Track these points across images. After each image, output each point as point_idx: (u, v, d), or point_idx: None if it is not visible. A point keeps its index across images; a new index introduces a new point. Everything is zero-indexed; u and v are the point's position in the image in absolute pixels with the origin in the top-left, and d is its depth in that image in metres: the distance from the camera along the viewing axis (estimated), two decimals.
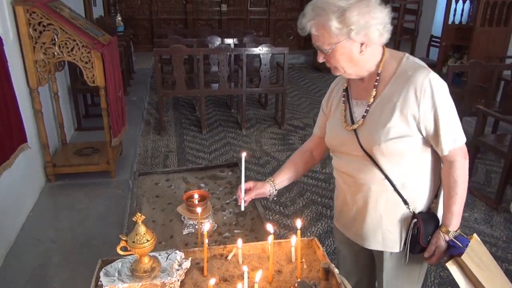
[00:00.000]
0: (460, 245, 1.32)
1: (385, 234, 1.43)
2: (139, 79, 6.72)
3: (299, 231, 1.31)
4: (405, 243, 1.43)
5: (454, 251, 1.34)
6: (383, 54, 1.33)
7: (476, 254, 1.33)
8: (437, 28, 7.01)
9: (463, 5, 6.01)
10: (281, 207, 3.33)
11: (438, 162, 1.39)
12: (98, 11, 6.73)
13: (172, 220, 1.75)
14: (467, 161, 1.36)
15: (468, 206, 3.39)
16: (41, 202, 3.06)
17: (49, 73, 3.10)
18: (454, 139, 1.30)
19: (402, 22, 7.64)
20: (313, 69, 8.33)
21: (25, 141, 2.79)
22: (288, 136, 4.81)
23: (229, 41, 5.78)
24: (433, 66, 6.48)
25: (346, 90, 1.45)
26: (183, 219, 1.73)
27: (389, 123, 1.29)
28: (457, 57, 6.11)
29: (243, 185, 1.52)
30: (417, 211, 1.40)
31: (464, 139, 1.33)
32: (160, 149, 4.41)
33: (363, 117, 1.36)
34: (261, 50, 4.70)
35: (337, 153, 1.48)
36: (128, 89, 5.89)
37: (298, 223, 1.34)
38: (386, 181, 1.36)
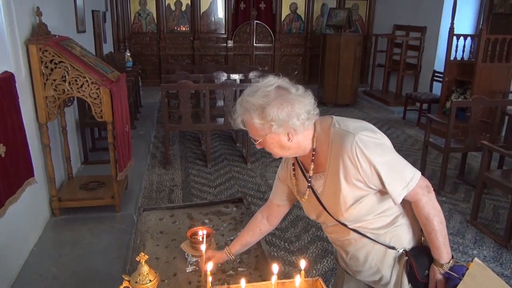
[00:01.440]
0: (456, 275, 1.33)
1: (386, 278, 1.48)
2: (146, 113, 6.83)
3: (302, 272, 1.29)
4: (409, 281, 1.45)
5: (451, 282, 1.34)
6: (314, 130, 1.38)
7: (476, 280, 1.31)
8: (439, 64, 7.11)
9: (464, 41, 6.12)
10: (286, 243, 3.29)
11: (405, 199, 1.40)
12: (108, 47, 6.93)
13: (176, 258, 1.74)
14: (432, 193, 1.37)
15: (476, 243, 3.33)
16: (45, 236, 3.05)
17: (58, 108, 3.16)
18: (404, 185, 1.31)
19: (405, 58, 7.78)
20: (319, 103, 8.32)
21: (32, 176, 2.83)
22: None
23: (235, 76, 5.90)
24: (437, 101, 6.55)
25: (294, 164, 1.52)
26: (186, 256, 1.71)
27: (341, 193, 1.34)
28: (460, 92, 6.16)
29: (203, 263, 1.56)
30: (408, 249, 1.43)
31: (418, 176, 1.34)
32: (165, 183, 4.42)
33: (309, 187, 1.45)
34: None
35: (318, 221, 1.56)
36: (135, 122, 5.97)
37: (302, 263, 1.33)
38: (365, 238, 1.42)
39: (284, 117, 1.27)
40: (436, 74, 7.19)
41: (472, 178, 4.51)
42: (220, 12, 9.09)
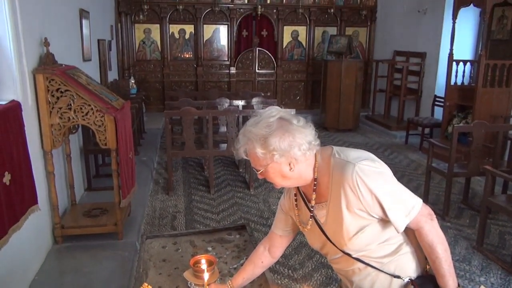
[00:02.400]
0: None
1: None
2: (149, 139, 6.87)
3: None
4: None
5: None
6: (315, 160, 1.41)
7: None
8: (440, 88, 7.18)
9: (464, 66, 6.20)
10: (289, 270, 3.25)
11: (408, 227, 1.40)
12: (113, 74, 7.05)
13: (179, 287, 1.73)
14: (435, 221, 1.37)
15: (483, 270, 3.28)
16: (47, 265, 3.03)
17: (63, 136, 3.20)
18: (406, 214, 1.32)
19: (406, 83, 7.86)
20: (321, 128, 8.45)
21: (35, 203, 2.83)
22: None
23: (238, 102, 5.97)
24: (439, 126, 6.57)
25: (296, 194, 1.54)
26: (189, 285, 1.70)
27: (344, 223, 1.35)
28: (461, 117, 6.20)
29: None
30: (413, 277, 1.42)
31: (420, 203, 1.35)
32: (168, 209, 4.41)
33: (311, 217, 1.46)
34: None
35: (322, 253, 1.56)
36: (139, 148, 6.01)
37: None
38: (369, 267, 1.42)
39: (285, 147, 1.30)
40: (437, 98, 7.25)
41: (477, 203, 4.48)
42: (223, 40, 9.27)
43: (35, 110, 3.06)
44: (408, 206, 1.32)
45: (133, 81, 7.62)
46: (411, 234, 1.42)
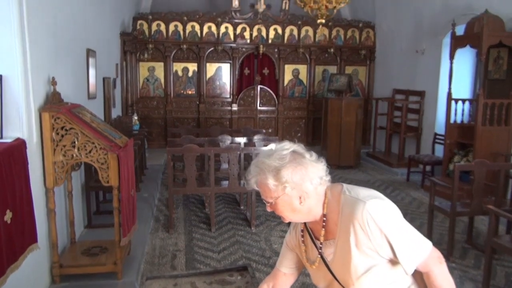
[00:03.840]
0: None
1: None
2: (151, 175, 6.87)
3: None
4: None
5: None
6: (325, 196, 1.41)
7: None
8: (440, 126, 7.25)
9: (463, 105, 6.28)
10: None
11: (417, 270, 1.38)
12: (116, 111, 7.15)
13: None
14: (444, 264, 1.36)
15: None
16: None
17: (66, 173, 3.21)
18: (416, 255, 1.31)
19: (406, 121, 7.94)
20: None
21: (35, 242, 2.81)
22: None
23: (240, 139, 6.01)
24: (440, 163, 6.59)
25: (303, 231, 1.53)
26: None
27: (352, 262, 1.33)
28: (462, 155, 6.22)
29: None
30: None
31: (429, 247, 1.34)
32: (168, 247, 4.35)
33: (319, 254, 1.44)
34: None
35: None
36: (140, 185, 6.00)
37: None
38: None
39: (297, 179, 1.31)
40: (437, 136, 7.30)
41: (481, 243, 4.42)
42: (225, 77, 9.46)
43: (39, 147, 3.09)
44: (418, 248, 1.31)
45: (136, 118, 7.72)
46: (419, 277, 1.40)
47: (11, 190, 2.45)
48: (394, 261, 1.34)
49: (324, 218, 1.40)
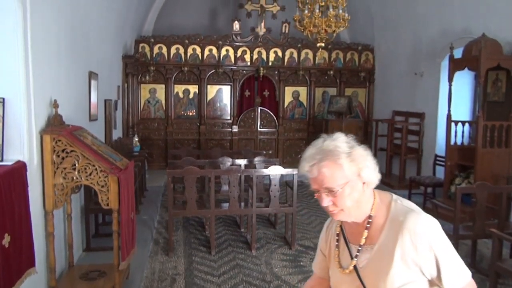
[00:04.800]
0: None
1: None
2: (151, 197, 6.84)
3: None
4: None
5: None
6: (374, 197, 1.40)
7: None
8: (440, 148, 7.25)
9: (463, 127, 6.30)
10: None
11: None
12: (117, 133, 7.17)
13: None
14: None
15: None
16: None
17: (65, 196, 3.20)
18: (458, 280, 1.29)
19: (406, 142, 7.95)
20: None
21: (33, 266, 2.77)
22: (299, 257, 4.68)
23: (240, 161, 6.00)
24: (441, 185, 6.56)
25: (339, 234, 1.48)
26: None
27: (391, 272, 1.29)
28: (463, 176, 6.19)
29: None
30: None
31: (469, 274, 1.32)
32: (167, 271, 4.28)
33: (355, 257, 1.38)
34: (271, 171, 4.85)
35: None
36: (140, 207, 5.96)
37: None
38: None
39: (365, 163, 1.32)
40: (438, 158, 7.29)
41: (485, 267, 4.35)
42: (226, 99, 9.53)
43: (39, 170, 3.09)
44: (461, 273, 1.30)
45: (136, 139, 7.74)
46: None
47: (10, 214, 2.43)
48: (432, 283, 1.30)
49: (369, 220, 1.36)
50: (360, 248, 1.38)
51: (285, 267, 4.42)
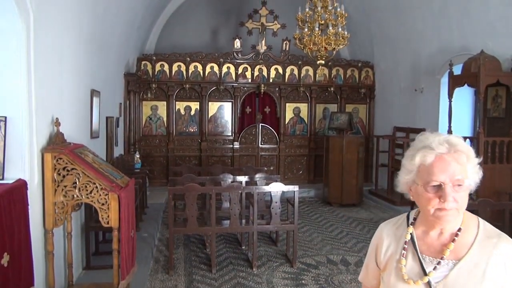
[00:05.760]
0: None
1: None
2: (151, 214, 6.80)
3: None
4: None
5: None
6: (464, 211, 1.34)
7: None
8: None
9: None
10: None
11: None
12: (119, 150, 7.19)
13: None
14: None
15: None
16: None
17: (65, 214, 3.19)
18: None
19: None
20: (324, 203, 8.40)
21: (32, 285, 2.75)
22: (301, 275, 4.63)
23: (241, 178, 5.99)
24: None
25: (407, 243, 1.38)
26: None
27: None
28: None
29: None
30: None
31: None
32: None
33: (445, 277, 1.29)
34: (272, 188, 4.84)
35: None
36: (140, 224, 5.92)
37: None
38: None
39: (478, 169, 1.30)
40: None
41: None
42: (227, 116, 9.57)
43: (40, 188, 3.09)
44: None
45: (138, 156, 7.75)
46: None
47: (10, 233, 2.43)
48: None
49: (458, 232, 1.30)
50: (440, 261, 1.30)
51: (287, 286, 4.37)
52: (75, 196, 3.11)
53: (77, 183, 3.10)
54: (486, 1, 6.00)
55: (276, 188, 4.85)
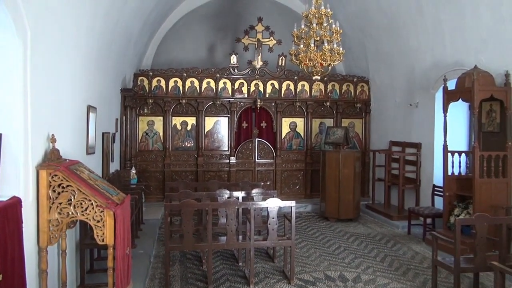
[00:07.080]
0: None
1: None
2: (147, 230, 6.73)
3: None
4: None
5: None
6: None
7: None
8: (438, 178, 7.23)
9: (460, 157, 6.32)
10: None
11: None
12: (115, 165, 7.15)
13: None
14: None
15: None
16: None
17: (60, 231, 3.15)
18: None
19: (404, 172, 7.95)
20: (321, 218, 8.36)
21: None
22: None
23: (238, 194, 5.97)
24: (440, 216, 6.51)
25: None
26: None
27: None
28: (462, 207, 6.16)
29: None
30: None
31: None
32: None
33: None
34: (269, 204, 4.82)
35: None
36: (136, 240, 5.86)
37: None
38: None
39: None
40: (436, 188, 7.27)
41: None
42: (223, 131, 9.57)
43: (34, 205, 3.06)
44: None
45: (134, 171, 7.72)
46: None
47: (3, 251, 2.39)
48: None
49: None
50: None
51: None
52: (70, 213, 3.08)
53: (72, 200, 3.08)
54: (478, 18, 6.09)
55: (273, 204, 4.83)
